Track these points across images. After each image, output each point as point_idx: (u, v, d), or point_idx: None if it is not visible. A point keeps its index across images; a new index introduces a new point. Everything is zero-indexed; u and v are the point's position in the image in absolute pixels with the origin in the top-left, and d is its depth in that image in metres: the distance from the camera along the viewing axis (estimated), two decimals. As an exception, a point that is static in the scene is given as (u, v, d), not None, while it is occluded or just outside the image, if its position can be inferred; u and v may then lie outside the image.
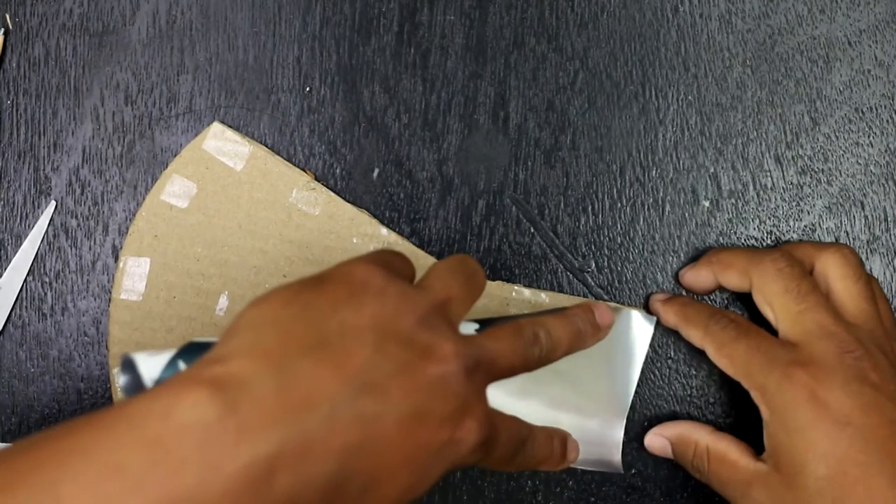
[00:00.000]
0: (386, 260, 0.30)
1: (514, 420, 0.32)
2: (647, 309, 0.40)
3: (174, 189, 0.40)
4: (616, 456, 0.39)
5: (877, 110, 0.40)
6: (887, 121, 0.40)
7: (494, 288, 0.40)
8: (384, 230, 0.40)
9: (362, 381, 0.25)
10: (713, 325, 0.36)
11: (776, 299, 0.35)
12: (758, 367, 0.34)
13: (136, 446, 0.23)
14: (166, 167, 0.41)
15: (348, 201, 0.40)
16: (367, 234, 0.40)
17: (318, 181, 0.40)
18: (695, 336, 0.37)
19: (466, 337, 0.29)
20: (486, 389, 0.30)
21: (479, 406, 0.28)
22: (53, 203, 0.41)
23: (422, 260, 0.40)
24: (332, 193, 0.40)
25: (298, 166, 0.41)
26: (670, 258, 0.40)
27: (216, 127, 0.41)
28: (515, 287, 0.40)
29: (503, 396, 0.39)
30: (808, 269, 0.37)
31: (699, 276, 0.39)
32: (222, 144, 0.41)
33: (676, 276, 0.40)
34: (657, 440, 0.38)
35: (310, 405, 0.24)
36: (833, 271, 0.36)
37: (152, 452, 0.22)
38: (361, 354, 0.26)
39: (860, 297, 0.35)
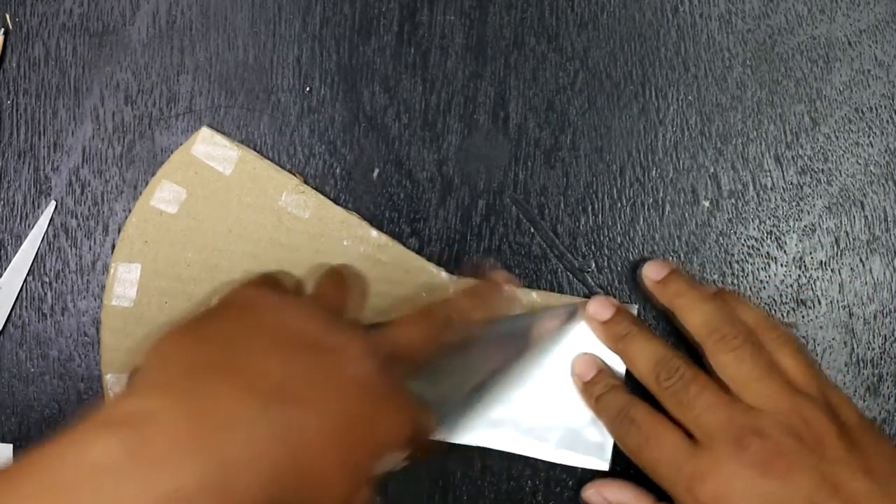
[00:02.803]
0: (271, 278, 0.31)
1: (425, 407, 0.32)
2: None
3: (164, 195, 0.40)
4: (606, 454, 0.38)
5: (877, 110, 0.40)
6: (887, 121, 0.40)
7: None
8: (374, 232, 0.40)
9: (276, 396, 0.25)
10: (624, 422, 0.35)
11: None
12: (664, 478, 0.34)
13: (48, 494, 0.22)
14: (166, 167, 0.41)
15: (348, 201, 0.40)
16: (357, 236, 0.40)
17: (307, 184, 0.40)
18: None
19: (375, 332, 0.29)
20: (406, 378, 0.29)
21: (399, 397, 0.28)
22: (53, 203, 0.41)
23: (414, 262, 0.40)
24: (321, 196, 0.40)
25: (298, 167, 0.41)
26: (670, 258, 0.40)
27: (205, 132, 0.41)
28: (506, 286, 0.40)
29: (493, 404, 0.39)
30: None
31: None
32: (211, 149, 0.40)
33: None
34: (596, 498, 0.38)
35: (225, 429, 0.24)
36: (726, 371, 0.34)
37: (64, 499, 0.22)
38: (270, 370, 0.26)
39: (752, 379, 0.34)
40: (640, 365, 0.36)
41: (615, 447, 0.38)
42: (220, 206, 0.40)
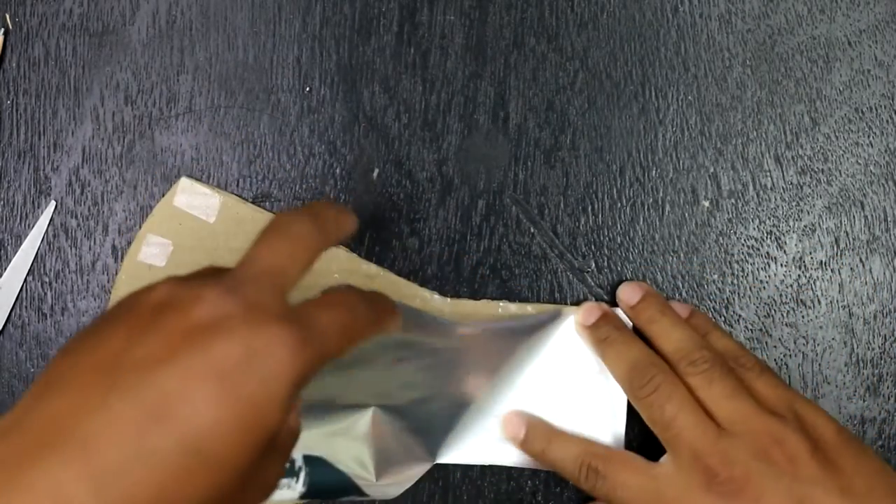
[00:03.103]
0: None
1: (337, 296, 0.30)
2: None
3: (150, 249, 0.40)
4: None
5: (877, 110, 0.40)
6: (887, 121, 0.40)
7: (481, 307, 0.40)
8: (363, 263, 0.40)
9: (138, 373, 0.24)
10: (589, 475, 0.36)
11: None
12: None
13: None
14: (166, 167, 0.41)
15: (348, 201, 0.40)
16: (346, 269, 0.40)
17: None
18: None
19: (233, 271, 0.28)
20: (287, 295, 0.28)
21: (280, 320, 0.26)
22: (53, 203, 0.41)
23: (406, 289, 0.40)
24: None
25: (298, 167, 0.41)
26: (670, 258, 0.40)
27: (184, 182, 0.40)
28: (501, 303, 0.40)
29: (498, 422, 0.39)
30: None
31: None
32: (192, 199, 0.40)
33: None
34: None
35: (87, 419, 0.23)
36: (698, 392, 0.35)
37: None
38: (126, 352, 0.25)
39: (723, 398, 0.34)
40: (617, 369, 0.37)
41: (626, 446, 0.38)
42: (208, 254, 0.40)
